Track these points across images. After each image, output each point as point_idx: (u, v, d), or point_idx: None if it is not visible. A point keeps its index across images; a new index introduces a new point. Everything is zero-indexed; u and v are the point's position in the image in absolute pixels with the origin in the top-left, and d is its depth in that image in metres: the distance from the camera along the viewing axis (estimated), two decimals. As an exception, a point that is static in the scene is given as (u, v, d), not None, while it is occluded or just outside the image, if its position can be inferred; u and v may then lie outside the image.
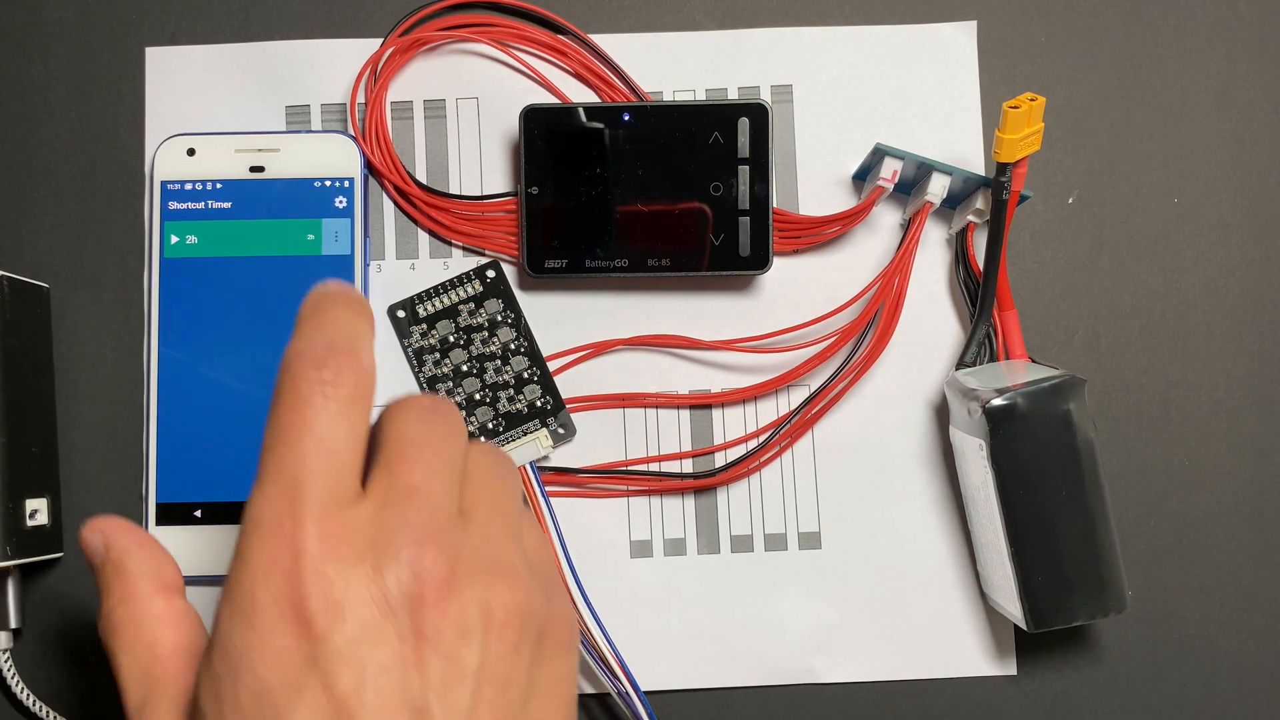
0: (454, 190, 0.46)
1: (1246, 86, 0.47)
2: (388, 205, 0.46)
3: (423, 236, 0.46)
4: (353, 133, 0.46)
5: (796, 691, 0.45)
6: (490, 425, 0.45)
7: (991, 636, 0.45)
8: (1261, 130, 0.47)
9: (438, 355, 0.45)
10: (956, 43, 0.47)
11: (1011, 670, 0.45)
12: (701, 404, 0.46)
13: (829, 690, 0.45)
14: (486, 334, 0.45)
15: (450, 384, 0.45)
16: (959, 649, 0.45)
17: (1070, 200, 0.47)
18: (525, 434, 0.45)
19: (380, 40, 0.46)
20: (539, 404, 0.45)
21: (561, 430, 0.45)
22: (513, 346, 0.45)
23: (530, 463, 0.44)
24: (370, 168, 0.46)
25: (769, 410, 0.46)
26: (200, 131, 0.45)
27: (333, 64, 0.46)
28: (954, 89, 0.46)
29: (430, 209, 0.46)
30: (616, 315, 0.46)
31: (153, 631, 0.33)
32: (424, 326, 0.45)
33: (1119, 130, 0.47)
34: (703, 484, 0.45)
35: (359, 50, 0.46)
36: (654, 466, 0.45)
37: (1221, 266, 0.47)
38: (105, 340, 0.45)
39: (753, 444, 0.45)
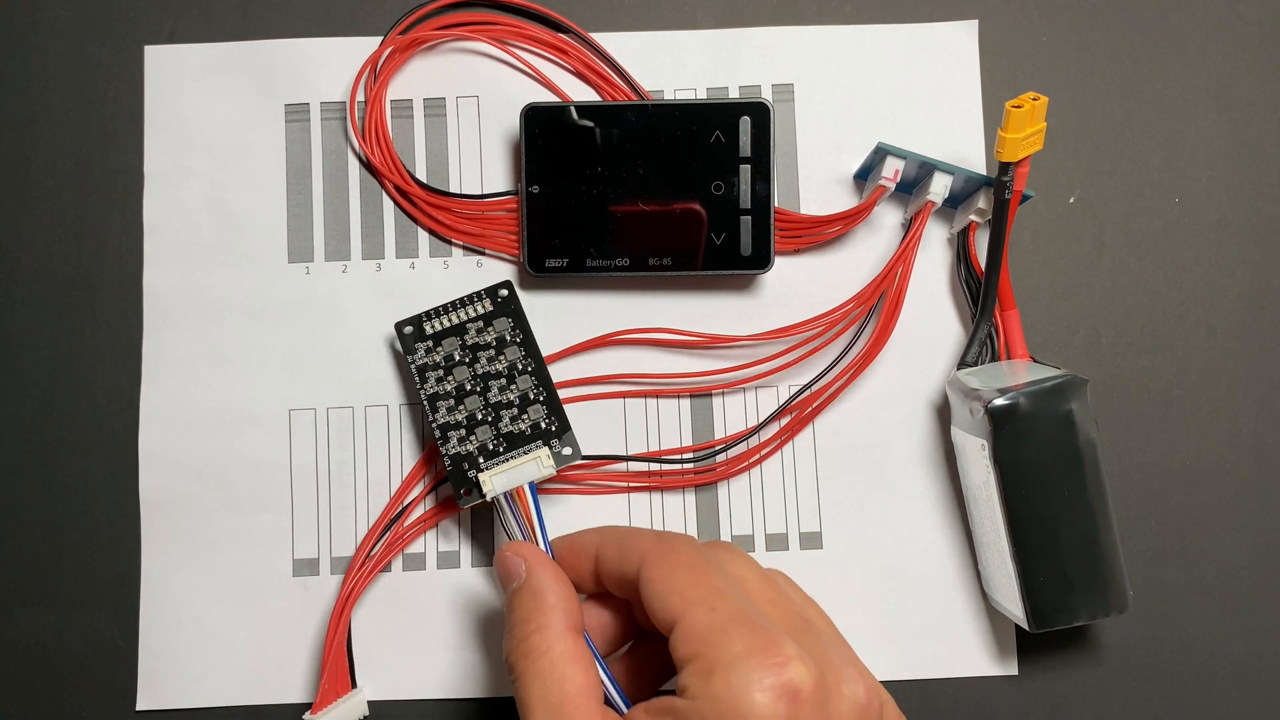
0: (454, 189, 0.46)
1: (1247, 86, 0.47)
2: (387, 204, 0.46)
3: (423, 235, 0.46)
4: (352, 130, 0.46)
5: (797, 692, 0.45)
6: (490, 445, 0.42)
7: (993, 636, 0.45)
8: (1262, 130, 0.47)
9: (441, 372, 0.43)
10: (958, 42, 0.47)
11: (1013, 670, 0.45)
12: (702, 392, 0.45)
13: (830, 690, 0.45)
14: (493, 352, 0.43)
15: (452, 401, 0.43)
16: (960, 649, 0.45)
17: (1071, 200, 0.47)
18: (526, 454, 0.42)
19: (380, 38, 0.46)
20: (543, 425, 0.43)
21: (566, 452, 0.43)
22: (519, 366, 0.43)
23: (530, 483, 0.42)
24: (370, 166, 0.46)
25: (770, 405, 0.46)
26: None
27: (332, 62, 0.46)
28: (955, 88, 0.46)
29: (430, 208, 0.45)
30: (617, 314, 0.46)
31: (564, 668, 0.34)
32: (429, 343, 0.43)
33: (1120, 130, 0.47)
34: (703, 479, 0.45)
35: (358, 49, 0.46)
36: (654, 464, 0.45)
37: (1222, 266, 0.47)
38: (103, 339, 0.45)
39: (754, 439, 0.45)
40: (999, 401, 0.40)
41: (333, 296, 0.46)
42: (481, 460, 0.42)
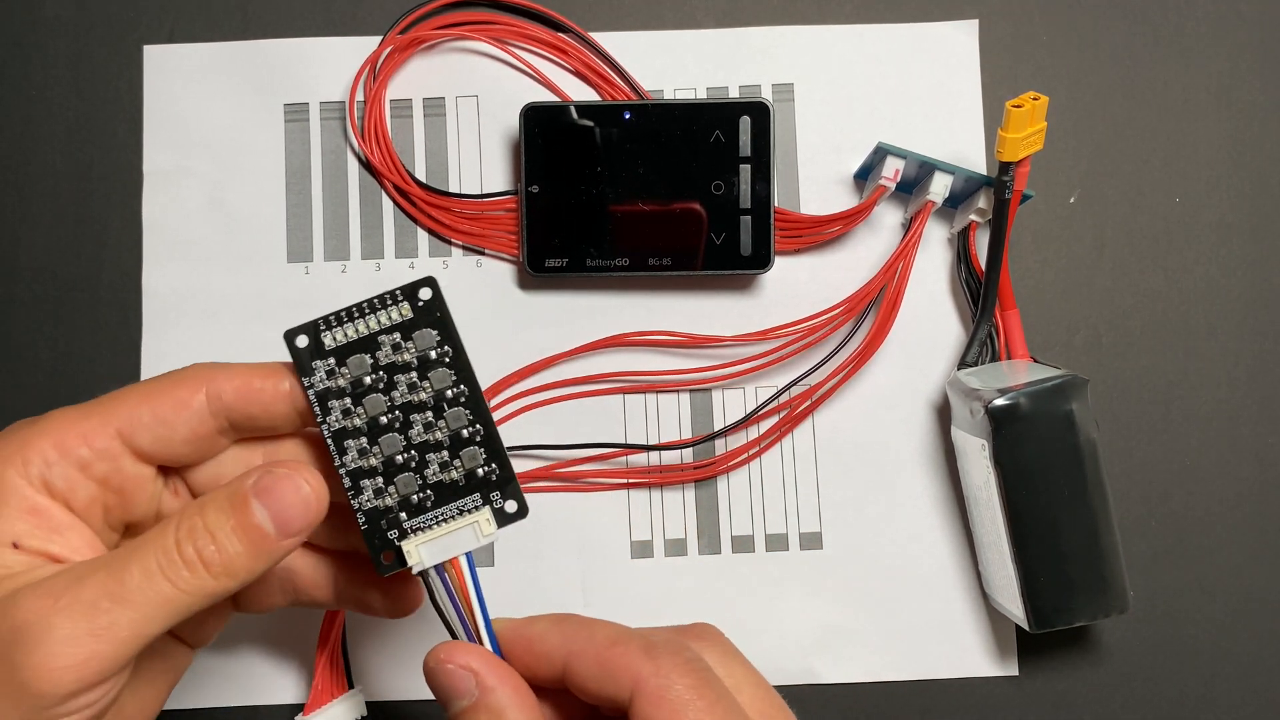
0: (454, 189, 0.46)
1: (1248, 86, 0.47)
2: (387, 204, 0.46)
3: (422, 235, 0.46)
4: (352, 130, 0.46)
5: (798, 692, 0.45)
6: (416, 499, 0.34)
7: (993, 637, 0.45)
8: (1263, 130, 0.47)
9: (348, 402, 0.34)
10: (958, 41, 0.47)
11: (1013, 671, 0.45)
12: (701, 386, 0.45)
13: (830, 690, 0.45)
14: (415, 376, 0.34)
15: (364, 441, 0.34)
16: (961, 649, 0.45)
17: (1072, 200, 0.47)
18: (461, 513, 0.34)
19: (379, 38, 0.46)
20: (481, 473, 0.34)
21: (511, 509, 0.35)
22: (449, 395, 0.34)
23: (467, 554, 0.34)
24: (369, 166, 0.46)
25: (770, 405, 0.45)
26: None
27: (331, 62, 0.46)
28: (955, 88, 0.46)
29: (430, 208, 0.45)
30: (617, 315, 0.46)
31: None
32: (331, 362, 0.34)
33: (1121, 130, 0.47)
34: (702, 474, 0.45)
35: (358, 48, 0.46)
36: (654, 457, 0.45)
37: (1223, 266, 0.47)
38: (103, 339, 0.45)
39: (752, 431, 0.45)
40: (999, 402, 0.40)
41: (332, 297, 0.45)
42: (405, 518, 0.34)
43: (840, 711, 0.45)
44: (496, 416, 0.45)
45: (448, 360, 0.34)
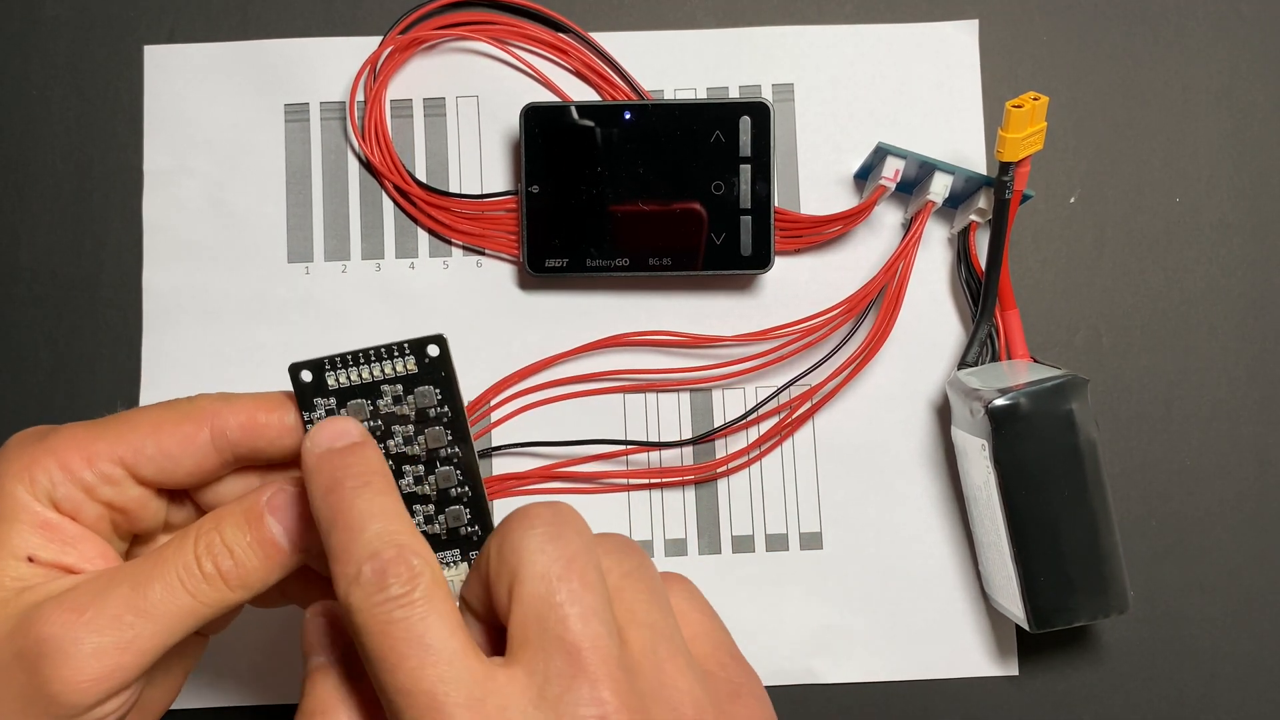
0: (454, 189, 0.46)
1: (1248, 86, 0.47)
2: (387, 204, 0.46)
3: (422, 235, 0.46)
4: (352, 130, 0.46)
5: (797, 692, 0.45)
6: None
7: (993, 637, 0.45)
8: (1263, 129, 0.47)
9: None
10: (958, 41, 0.47)
11: (1013, 671, 0.45)
12: (701, 386, 0.45)
13: (830, 691, 0.45)
14: (411, 429, 0.34)
15: None
16: (960, 649, 0.45)
17: (1072, 200, 0.47)
18: (443, 565, 0.35)
19: (379, 38, 0.46)
20: (463, 532, 0.35)
21: None
22: (443, 454, 0.34)
23: None
24: (369, 166, 0.46)
25: (768, 405, 0.45)
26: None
27: (332, 62, 0.46)
28: (956, 88, 0.46)
29: (430, 208, 0.45)
30: (617, 315, 0.46)
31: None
32: (332, 402, 0.34)
33: (1121, 129, 0.47)
34: (702, 475, 0.45)
35: (358, 48, 0.46)
36: (654, 458, 0.45)
37: (1223, 266, 0.47)
38: (103, 339, 0.45)
39: (754, 431, 0.45)
40: (999, 401, 0.40)
41: (332, 297, 0.46)
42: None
43: (840, 711, 0.45)
44: (496, 416, 0.45)
45: (445, 420, 0.34)
